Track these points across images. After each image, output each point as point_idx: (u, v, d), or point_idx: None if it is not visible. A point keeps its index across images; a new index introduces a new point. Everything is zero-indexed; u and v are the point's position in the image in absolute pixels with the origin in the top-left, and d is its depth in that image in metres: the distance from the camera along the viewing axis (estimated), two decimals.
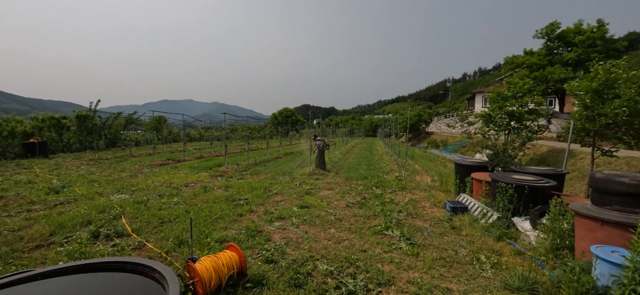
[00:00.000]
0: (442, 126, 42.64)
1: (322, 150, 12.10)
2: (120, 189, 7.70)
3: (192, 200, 6.62)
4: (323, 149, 12.13)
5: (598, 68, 7.09)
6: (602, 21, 19.82)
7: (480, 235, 4.69)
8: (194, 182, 8.82)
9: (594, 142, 7.47)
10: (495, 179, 5.49)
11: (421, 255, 3.97)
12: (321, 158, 12.02)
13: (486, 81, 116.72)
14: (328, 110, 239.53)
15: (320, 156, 12.04)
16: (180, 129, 34.31)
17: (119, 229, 4.66)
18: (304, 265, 3.61)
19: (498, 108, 11.19)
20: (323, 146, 12.14)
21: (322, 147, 12.10)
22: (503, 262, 3.80)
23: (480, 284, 3.29)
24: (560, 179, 6.06)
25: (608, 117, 6.77)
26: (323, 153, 12.13)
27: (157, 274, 1.30)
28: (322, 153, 12.09)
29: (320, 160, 12.00)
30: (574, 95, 7.86)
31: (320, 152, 12.07)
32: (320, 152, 12.07)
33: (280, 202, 6.68)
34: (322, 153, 12.09)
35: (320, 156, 12.04)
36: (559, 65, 20.29)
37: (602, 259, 2.90)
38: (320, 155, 12.06)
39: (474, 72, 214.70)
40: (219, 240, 4.25)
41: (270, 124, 53.86)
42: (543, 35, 21.79)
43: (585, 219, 3.48)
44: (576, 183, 9.54)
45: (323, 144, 12.19)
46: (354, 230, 4.94)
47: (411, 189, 8.44)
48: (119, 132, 23.99)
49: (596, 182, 3.58)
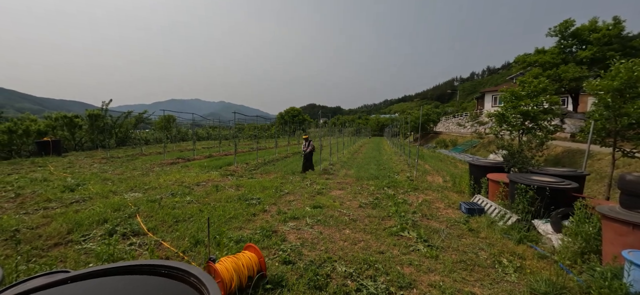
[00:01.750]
0: (450, 126, 42.13)
1: (308, 154, 11.15)
2: (133, 188, 7.77)
3: (204, 199, 6.63)
4: (310, 153, 11.18)
5: (619, 67, 6.85)
6: (619, 18, 19.28)
7: (500, 238, 4.57)
8: (205, 181, 8.85)
9: (615, 143, 7.23)
10: (514, 180, 5.35)
11: (441, 258, 3.88)
12: (307, 161, 11.13)
13: (495, 80, 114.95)
14: (334, 109, 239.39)
15: (307, 159, 11.13)
16: (189, 127, 34.67)
17: (134, 228, 4.68)
18: (322, 266, 3.56)
19: (512, 107, 10.94)
20: (307, 148, 11.16)
21: (305, 149, 11.16)
22: (526, 265, 3.69)
23: (505, 288, 3.19)
24: (580, 180, 5.88)
25: (630, 117, 6.53)
26: (309, 157, 11.17)
27: (193, 278, 1.26)
28: (308, 157, 11.15)
29: (306, 163, 11.12)
30: (594, 94, 7.61)
31: (306, 155, 11.15)
32: (306, 155, 11.15)
33: (293, 202, 6.64)
34: (308, 157, 11.15)
35: (307, 159, 11.13)
36: (573, 64, 19.80)
37: (636, 264, 2.78)
38: (306, 159, 11.14)
39: (482, 71, 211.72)
40: (235, 240, 4.23)
41: (277, 123, 54.08)
42: (556, 33, 21.31)
43: (614, 222, 3.35)
44: (594, 185, 9.28)
45: (306, 145, 11.19)
46: (369, 231, 4.87)
47: (423, 190, 8.32)
48: (129, 131, 24.32)
49: (626, 185, 3.44)
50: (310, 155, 11.27)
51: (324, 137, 29.51)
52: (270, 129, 42.77)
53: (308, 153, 11.22)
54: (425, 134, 41.84)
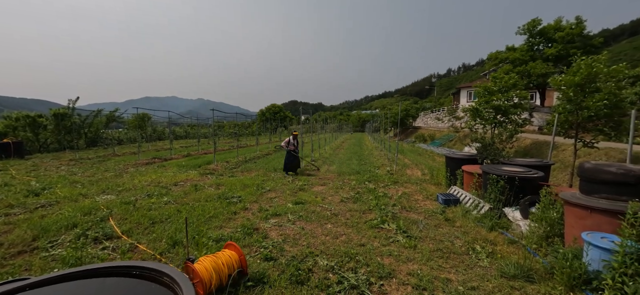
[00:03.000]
0: (429, 121, 43.41)
1: (290, 153, 9.96)
2: (106, 190, 7.41)
3: (183, 199, 6.44)
4: (294, 152, 10.00)
5: (580, 63, 7.34)
6: (580, 18, 20.61)
7: (474, 226, 4.80)
8: (184, 181, 8.59)
9: (576, 134, 7.77)
10: (486, 171, 5.62)
11: (419, 248, 4.01)
12: (291, 160, 9.93)
13: (470, 76, 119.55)
14: (316, 106, 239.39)
15: (290, 159, 9.94)
16: (165, 126, 33.41)
17: (107, 231, 4.47)
18: (304, 261, 3.58)
19: (485, 102, 11.44)
20: (289, 146, 10.04)
21: (285, 146, 10.11)
22: (497, 251, 3.90)
23: (478, 273, 3.36)
24: (546, 170, 6.27)
25: (590, 110, 7.03)
26: (290, 155, 9.96)
27: (167, 277, 1.23)
28: (290, 155, 9.96)
29: (290, 163, 9.90)
30: (558, 89, 8.12)
31: (289, 154, 9.96)
32: (289, 154, 9.96)
33: (274, 199, 6.60)
34: (290, 155, 9.96)
35: (290, 159, 9.94)
36: (540, 60, 20.97)
37: (594, 245, 3.02)
38: (289, 157, 9.95)
39: (458, 67, 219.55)
40: (215, 240, 4.15)
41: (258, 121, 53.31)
42: (525, 32, 22.44)
43: (575, 207, 3.61)
44: (559, 173, 9.92)
45: (286, 143, 10.12)
46: (350, 224, 4.94)
47: (403, 183, 8.54)
48: (100, 131, 23.07)
49: (585, 172, 3.71)
50: (292, 153, 10.03)
51: (306, 134, 29.47)
52: (252, 127, 42.12)
53: (294, 151, 10.03)
54: (405, 129, 42.85)
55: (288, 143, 10.16)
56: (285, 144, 10.21)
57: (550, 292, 2.97)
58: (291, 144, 10.14)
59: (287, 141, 10.20)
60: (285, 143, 10.23)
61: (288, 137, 10.32)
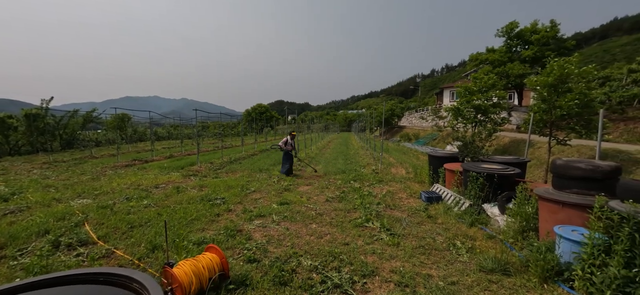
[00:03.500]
0: (413, 120, 44.21)
1: (288, 153, 9.68)
2: (81, 194, 7.10)
3: (164, 202, 6.26)
4: (290, 152, 9.72)
5: (554, 64, 7.69)
6: (555, 21, 21.53)
7: (455, 223, 4.92)
8: (165, 183, 8.36)
9: (550, 132, 8.13)
10: (466, 168, 5.77)
11: (402, 245, 4.07)
12: (287, 161, 9.62)
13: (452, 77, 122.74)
14: (302, 106, 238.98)
15: (287, 159, 9.63)
16: (147, 127, 32.38)
17: (82, 237, 4.28)
18: (287, 262, 3.56)
19: (466, 102, 11.77)
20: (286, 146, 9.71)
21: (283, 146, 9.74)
22: (477, 246, 4.01)
23: (458, 268, 3.44)
24: (523, 167, 6.52)
25: (562, 109, 7.38)
26: (289, 156, 9.67)
27: (136, 283, 1.18)
28: (288, 156, 9.67)
29: (287, 164, 9.58)
30: (533, 89, 8.47)
31: (287, 155, 9.65)
32: (287, 155, 9.65)
33: (259, 200, 6.53)
34: (288, 156, 9.67)
35: (287, 159, 9.63)
36: (518, 62, 21.78)
37: (565, 237, 3.16)
38: (286, 158, 9.65)
39: (441, 68, 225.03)
40: (196, 243, 4.06)
41: (244, 121, 52.58)
42: (503, 34, 23.23)
43: (548, 202, 3.78)
44: (535, 170, 10.35)
45: (284, 143, 9.75)
46: (335, 224, 4.96)
47: (388, 182, 8.65)
48: (76, 132, 22.07)
49: (557, 168, 3.89)
50: (289, 154, 9.72)
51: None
52: (237, 127, 41.53)
53: (289, 152, 9.67)
54: (391, 128, 43.47)
55: (286, 143, 9.77)
56: (283, 144, 9.78)
57: (526, 284, 3.09)
58: (289, 144, 9.77)
59: (285, 141, 9.81)
60: (282, 143, 9.81)
61: (285, 137, 9.99)
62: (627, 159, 8.74)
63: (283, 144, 9.79)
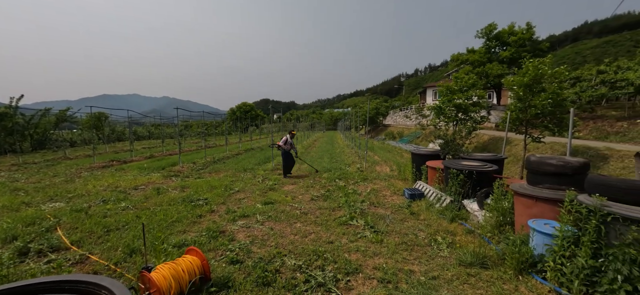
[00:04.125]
0: (398, 119, 44.95)
1: (288, 153, 9.49)
2: (54, 197, 6.75)
3: (143, 204, 6.05)
4: (289, 152, 9.52)
5: (529, 65, 8.02)
6: (530, 24, 22.47)
7: (436, 218, 5.04)
8: (145, 184, 8.08)
9: (526, 130, 8.48)
10: (447, 166, 5.93)
11: (385, 242, 4.13)
12: (288, 161, 9.45)
13: (435, 76, 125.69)
14: (288, 104, 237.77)
15: (286, 159, 9.42)
16: (126, 126, 31.19)
17: (54, 243, 4.07)
18: (271, 262, 3.53)
19: (447, 101, 12.10)
20: (285, 145, 9.46)
21: (283, 145, 9.45)
22: (457, 241, 4.13)
23: (439, 263, 3.53)
24: (500, 163, 6.77)
25: (537, 108, 7.71)
26: (288, 155, 9.48)
27: (104, 290, 1.13)
28: (288, 155, 9.48)
29: (288, 164, 9.44)
30: (510, 89, 8.81)
31: (286, 154, 9.45)
32: (286, 154, 9.45)
33: (243, 200, 6.44)
34: (288, 155, 9.48)
35: (286, 159, 9.42)
36: (496, 62, 22.58)
37: (537, 231, 3.31)
38: (286, 158, 9.43)
39: (424, 67, 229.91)
40: (177, 245, 3.95)
41: (228, 120, 51.64)
42: (483, 35, 24.01)
43: (522, 197, 3.94)
44: (512, 166, 10.78)
45: (284, 142, 9.48)
46: (319, 223, 4.96)
47: (372, 179, 8.75)
48: (48, 132, 20.95)
49: (531, 165, 4.06)
50: (289, 153, 9.50)
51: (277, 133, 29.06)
52: (221, 126, 40.74)
53: (288, 151, 9.47)
54: (376, 126, 44.02)
55: (285, 142, 9.44)
56: (283, 143, 9.42)
57: (502, 276, 3.21)
58: (288, 144, 9.46)
59: (285, 140, 9.49)
60: (282, 142, 9.46)
61: (285, 136, 9.66)
62: (596, 155, 9.26)
63: (283, 143, 9.46)
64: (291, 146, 9.56)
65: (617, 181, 2.99)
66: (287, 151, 9.44)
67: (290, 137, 9.65)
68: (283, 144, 9.42)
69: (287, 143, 9.45)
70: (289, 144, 9.50)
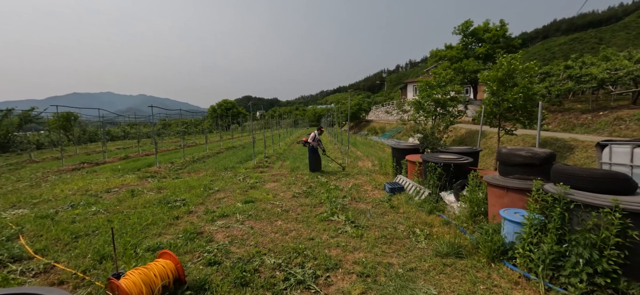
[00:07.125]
0: (380, 114, 45.57)
1: (314, 149, 9.36)
2: (16, 203, 6.31)
3: (116, 208, 5.78)
4: (315, 148, 9.38)
5: (502, 60, 8.34)
6: (504, 21, 23.38)
7: (415, 211, 5.15)
8: (118, 187, 7.72)
9: (499, 123, 8.84)
10: (425, 159, 6.07)
11: (365, 236, 4.17)
12: (313, 157, 9.33)
13: (416, 72, 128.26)
14: (271, 101, 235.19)
15: (312, 155, 9.33)
16: (98, 126, 29.68)
17: (15, 252, 3.79)
18: (250, 262, 3.47)
19: (427, 96, 12.37)
20: (313, 142, 9.36)
21: (311, 142, 9.37)
22: (434, 232, 4.24)
23: (417, 255, 3.61)
24: (475, 156, 7.01)
25: (509, 102, 8.05)
26: (314, 151, 9.35)
27: None
28: (314, 151, 9.36)
29: (315, 161, 9.32)
30: (485, 83, 9.13)
31: (312, 150, 9.33)
32: (312, 150, 9.33)
33: (223, 199, 6.30)
34: (314, 151, 9.36)
35: (312, 155, 9.33)
36: (472, 58, 23.36)
37: (508, 219, 3.45)
38: (311, 153, 9.34)
39: (405, 63, 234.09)
40: (151, 249, 3.80)
41: (209, 118, 50.30)
42: (460, 32, 24.74)
43: (495, 188, 4.09)
44: (487, 159, 11.21)
45: (313, 138, 9.38)
46: (301, 220, 4.94)
47: (354, 175, 8.82)
48: (11, 133, 19.54)
49: (502, 156, 4.22)
50: (316, 150, 9.36)
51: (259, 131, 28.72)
52: (201, 124, 39.67)
53: (315, 147, 9.35)
54: (359, 122, 44.40)
55: (313, 138, 9.31)
56: (311, 139, 9.31)
57: (475, 264, 3.32)
58: (316, 140, 9.32)
59: (313, 136, 9.37)
60: (311, 138, 9.33)
61: (313, 132, 9.55)
62: (562, 146, 9.81)
63: (311, 139, 9.36)
64: (318, 142, 9.49)
65: (580, 170, 3.16)
66: (314, 148, 9.34)
67: (318, 133, 9.57)
68: (311, 139, 9.37)
69: (315, 139, 9.39)
70: (317, 141, 9.44)
